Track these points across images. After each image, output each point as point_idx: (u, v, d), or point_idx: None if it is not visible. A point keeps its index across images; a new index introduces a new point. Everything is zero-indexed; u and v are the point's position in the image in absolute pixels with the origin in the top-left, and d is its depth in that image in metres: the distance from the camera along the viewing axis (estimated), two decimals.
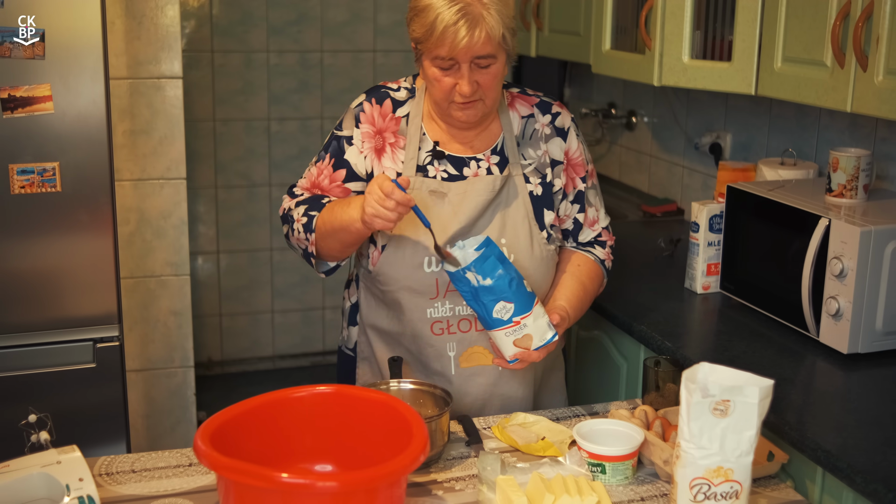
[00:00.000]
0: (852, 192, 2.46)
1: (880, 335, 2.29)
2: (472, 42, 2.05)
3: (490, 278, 2.04)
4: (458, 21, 2.04)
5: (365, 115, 2.27)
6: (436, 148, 2.26)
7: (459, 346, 2.25)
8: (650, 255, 3.19)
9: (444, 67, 2.11)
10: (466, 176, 2.25)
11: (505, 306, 2.06)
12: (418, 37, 2.11)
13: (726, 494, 1.66)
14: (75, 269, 2.69)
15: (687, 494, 1.67)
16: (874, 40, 2.19)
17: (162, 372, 3.52)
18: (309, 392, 1.87)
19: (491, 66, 2.12)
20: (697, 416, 1.63)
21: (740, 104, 3.34)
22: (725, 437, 1.63)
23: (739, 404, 1.62)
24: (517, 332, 2.08)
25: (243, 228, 4.97)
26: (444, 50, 2.07)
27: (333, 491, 1.58)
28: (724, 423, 1.62)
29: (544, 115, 2.33)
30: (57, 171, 2.60)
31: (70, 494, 1.66)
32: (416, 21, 2.11)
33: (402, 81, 2.33)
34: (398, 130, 2.26)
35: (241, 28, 4.76)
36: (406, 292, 2.23)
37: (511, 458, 1.98)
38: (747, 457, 1.64)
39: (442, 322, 2.24)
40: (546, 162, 2.31)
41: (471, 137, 2.28)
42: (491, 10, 2.06)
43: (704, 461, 1.64)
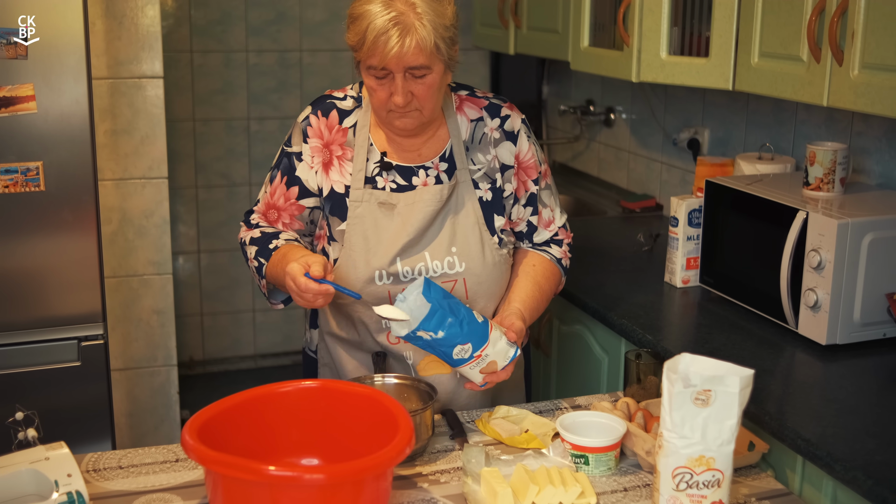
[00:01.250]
0: (829, 186, 2.49)
1: (858, 326, 2.32)
2: (402, 51, 2.01)
3: (442, 331, 2.00)
4: (388, 30, 2.00)
5: (312, 129, 2.24)
6: (383, 159, 2.23)
7: (416, 354, 2.24)
8: (630, 250, 3.21)
9: (379, 77, 2.08)
10: (416, 185, 2.22)
11: (463, 348, 2.03)
12: (353, 45, 2.08)
13: (708, 483, 1.68)
14: (59, 268, 2.69)
15: (669, 483, 1.69)
16: (849, 35, 2.22)
17: (145, 371, 3.52)
18: (295, 387, 1.88)
19: (426, 77, 2.08)
20: (679, 405, 1.65)
21: (718, 100, 3.37)
22: (707, 427, 1.65)
23: (720, 394, 1.64)
24: (481, 363, 2.06)
25: (224, 228, 4.97)
26: (375, 59, 2.04)
27: (320, 483, 1.59)
28: (706, 412, 1.65)
29: (493, 119, 2.28)
30: (40, 170, 2.61)
31: (59, 490, 1.66)
32: (351, 28, 2.08)
33: (349, 89, 2.29)
34: (345, 142, 2.23)
35: (220, 28, 4.76)
36: (359, 305, 2.22)
37: (495, 450, 2.00)
38: (728, 446, 1.67)
39: None
40: (496, 167, 2.27)
41: (418, 145, 2.25)
42: (424, 19, 2.02)
43: (686, 450, 1.66)
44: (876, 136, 2.68)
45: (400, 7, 2.01)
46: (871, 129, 2.69)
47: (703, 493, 1.68)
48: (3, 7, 2.51)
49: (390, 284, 2.18)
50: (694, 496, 1.68)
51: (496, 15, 4.09)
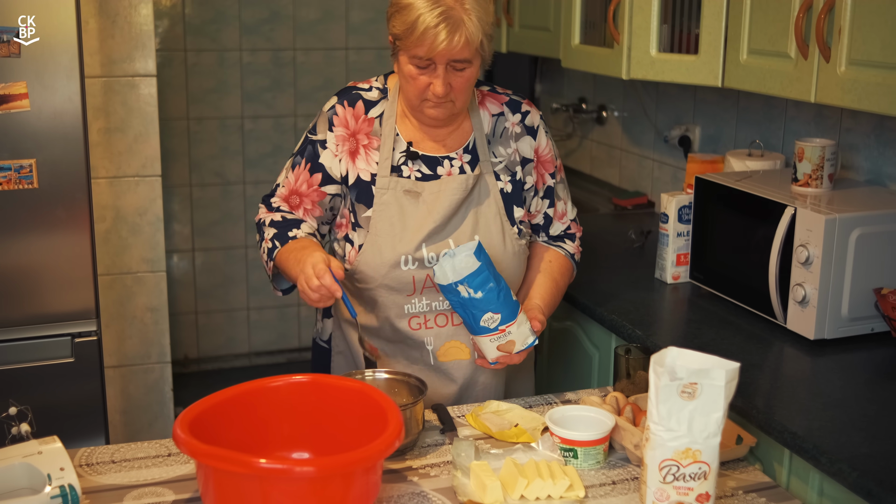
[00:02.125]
0: (818, 182, 2.50)
1: (846, 321, 2.33)
2: (451, 46, 2.08)
3: (481, 291, 2.07)
4: (439, 24, 2.06)
5: (338, 118, 2.28)
6: (409, 148, 2.28)
7: (437, 340, 2.29)
8: (621, 247, 3.22)
9: (421, 66, 2.14)
10: (440, 175, 2.28)
11: (492, 317, 2.10)
12: (398, 33, 2.13)
13: (694, 475, 1.69)
14: (53, 265, 2.70)
15: (656, 476, 1.71)
16: (836, 32, 2.24)
17: (139, 368, 3.53)
18: (286, 381, 1.89)
19: (466, 70, 2.15)
20: (666, 398, 1.67)
21: (708, 97, 3.39)
22: (693, 420, 1.67)
23: (707, 387, 1.66)
24: (501, 338, 2.13)
25: (218, 226, 4.98)
26: (422, 50, 2.10)
27: (310, 476, 1.60)
28: (692, 405, 1.66)
29: (514, 114, 2.36)
30: (34, 167, 2.62)
31: (51, 484, 1.67)
32: (396, 17, 2.13)
33: (374, 81, 2.34)
34: (371, 132, 2.28)
35: (214, 27, 4.77)
36: (383, 290, 2.26)
37: (485, 444, 2.01)
38: (715, 438, 1.68)
39: (419, 317, 2.27)
40: (516, 160, 2.34)
41: (443, 136, 2.31)
42: (472, 15, 2.09)
43: (673, 443, 1.68)
44: (864, 133, 2.69)
45: (449, 2, 2.08)
46: (860, 125, 2.71)
47: (690, 485, 1.70)
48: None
49: (415, 269, 2.23)
50: (680, 488, 1.70)
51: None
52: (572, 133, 4.39)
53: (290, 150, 4.93)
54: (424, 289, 2.25)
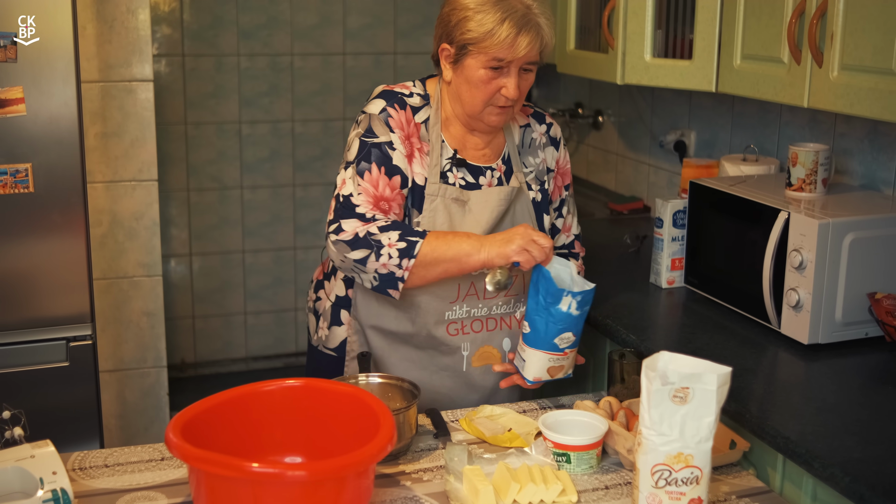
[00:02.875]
0: (811, 186, 2.51)
1: (840, 326, 2.34)
2: (531, 48, 2.14)
3: (580, 311, 2.11)
4: (522, 27, 2.12)
5: (393, 120, 2.26)
6: (455, 156, 2.30)
7: (472, 345, 2.32)
8: (617, 251, 3.23)
9: (494, 68, 2.17)
10: (482, 185, 2.31)
11: (569, 337, 2.13)
12: (472, 38, 2.15)
13: (687, 480, 1.70)
14: (48, 269, 2.70)
15: (649, 481, 1.71)
16: (828, 37, 2.24)
17: (135, 372, 3.53)
18: (279, 385, 1.89)
19: (531, 73, 2.21)
20: (658, 403, 1.67)
21: (704, 102, 3.39)
22: (685, 424, 1.68)
23: (698, 391, 1.66)
24: (558, 361, 2.16)
25: (216, 231, 4.98)
26: (504, 52, 2.14)
27: (302, 480, 1.60)
28: (684, 409, 1.67)
29: (540, 125, 2.42)
30: (29, 172, 2.62)
31: (43, 488, 1.67)
32: (468, 23, 2.15)
33: (411, 86, 2.34)
34: (420, 136, 2.29)
35: (212, 32, 4.78)
36: (427, 296, 2.27)
37: (478, 449, 2.01)
38: (707, 443, 1.69)
39: (457, 323, 2.30)
40: (544, 169, 2.39)
41: (482, 146, 2.34)
42: (542, 18, 2.16)
43: (665, 447, 1.69)
44: (858, 138, 2.70)
45: (519, 6, 2.15)
46: (854, 130, 2.71)
47: (682, 489, 1.70)
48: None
49: (460, 277, 2.25)
50: (673, 493, 1.70)
51: None
52: (569, 138, 4.40)
53: (287, 155, 4.95)
54: (467, 296, 2.28)
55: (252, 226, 5.02)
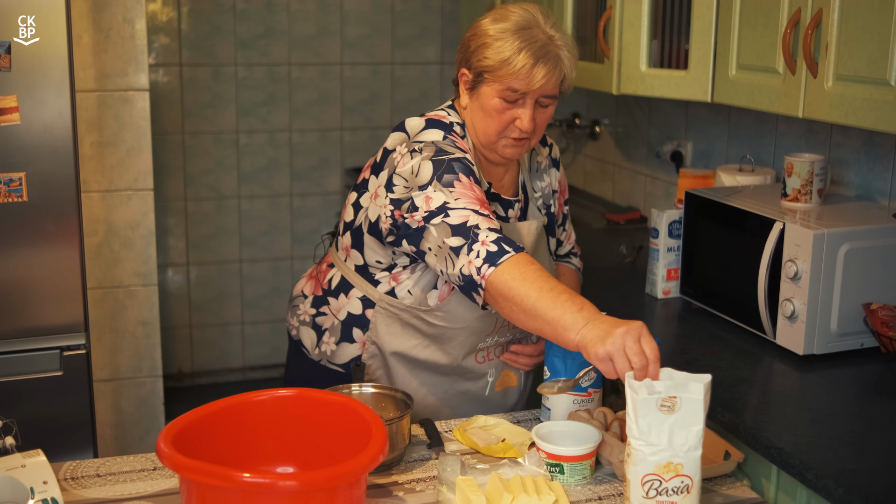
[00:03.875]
0: (807, 197, 2.50)
1: (835, 336, 2.33)
2: (548, 80, 2.09)
3: None
4: (539, 58, 2.07)
5: (460, 143, 2.16)
6: (490, 189, 2.26)
7: (496, 370, 2.34)
8: (613, 262, 3.22)
9: (509, 100, 2.11)
10: (509, 218, 2.29)
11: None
12: (488, 66, 2.10)
13: (677, 489, 1.70)
14: (42, 278, 2.70)
15: (639, 491, 1.70)
16: (823, 47, 2.24)
17: (130, 382, 3.53)
18: (271, 395, 1.88)
19: (549, 107, 2.15)
20: (645, 413, 1.68)
21: (700, 113, 3.39)
22: (673, 433, 1.68)
23: (686, 400, 1.67)
24: (584, 403, 2.10)
25: (213, 240, 4.98)
26: (519, 83, 2.08)
27: (294, 490, 1.59)
28: (672, 419, 1.67)
29: (544, 148, 2.41)
30: (23, 181, 2.62)
31: (34, 497, 1.67)
32: (486, 50, 2.10)
33: (447, 115, 2.23)
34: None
35: (210, 42, 4.78)
36: (466, 331, 2.25)
37: (471, 459, 2.00)
38: (696, 451, 1.69)
39: (484, 351, 2.31)
40: (549, 193, 2.39)
41: (500, 177, 2.30)
42: (564, 51, 2.10)
43: (654, 457, 1.69)
44: (854, 148, 2.70)
45: (541, 37, 2.09)
46: (850, 140, 2.71)
47: (673, 499, 1.70)
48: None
49: (495, 313, 2.22)
50: (664, 503, 1.70)
51: None
52: (566, 148, 4.40)
53: (285, 164, 4.96)
54: (501, 328, 2.28)
55: (249, 235, 5.02)
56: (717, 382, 2.19)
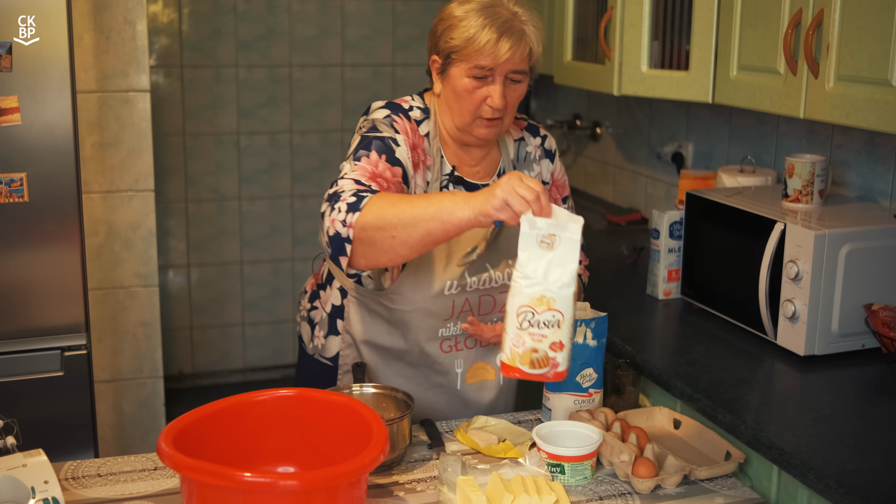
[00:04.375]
0: (808, 198, 2.50)
1: (836, 337, 2.33)
2: (514, 54, 2.09)
3: (597, 342, 2.09)
4: (504, 33, 2.08)
5: (398, 124, 2.20)
6: (454, 173, 2.27)
7: (466, 362, 2.31)
8: (614, 263, 3.22)
9: (478, 77, 2.13)
10: None
11: (591, 375, 2.10)
12: (455, 45, 2.12)
13: (548, 323, 1.79)
14: (43, 278, 2.70)
15: (514, 322, 1.80)
16: (825, 48, 2.24)
17: (131, 382, 3.53)
18: (271, 395, 1.88)
19: (520, 84, 2.16)
20: (526, 246, 1.79)
21: (701, 114, 3.39)
22: (550, 269, 1.79)
23: (564, 239, 1.79)
24: (584, 404, 2.11)
25: (214, 242, 4.98)
26: (486, 59, 2.10)
27: (294, 490, 1.60)
28: (550, 255, 1.79)
29: (535, 138, 2.38)
30: (24, 181, 2.62)
31: (35, 496, 1.67)
32: (452, 31, 2.13)
33: (410, 100, 2.29)
34: (423, 148, 2.24)
35: (210, 43, 4.78)
36: (421, 314, 2.25)
37: (472, 459, 2.01)
38: (569, 289, 1.79)
39: (450, 340, 2.29)
40: None
41: (477, 161, 2.30)
42: (529, 26, 2.12)
43: (529, 290, 1.79)
44: (855, 149, 2.70)
45: (505, 14, 2.11)
46: (851, 141, 2.71)
47: (544, 332, 1.80)
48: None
49: (456, 294, 2.23)
50: (535, 335, 1.80)
51: None
52: (567, 150, 4.40)
53: (286, 166, 4.96)
54: (461, 313, 2.26)
55: (250, 237, 5.02)
56: (718, 383, 2.20)
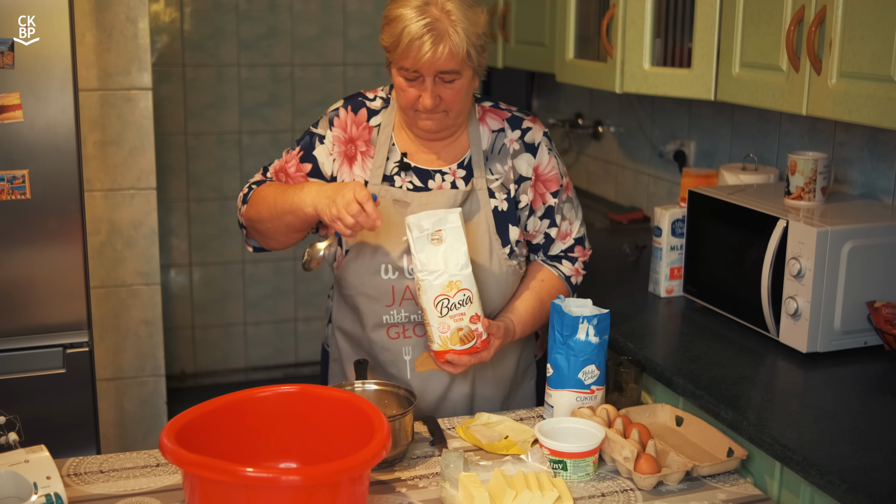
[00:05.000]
0: (810, 195, 2.50)
1: (838, 334, 2.33)
2: (435, 57, 2.07)
3: (599, 338, 2.08)
4: (423, 35, 2.06)
5: (339, 119, 2.30)
6: (403, 159, 2.28)
7: (415, 350, 2.28)
8: (616, 261, 3.22)
9: (409, 78, 2.14)
10: (431, 188, 2.27)
11: (592, 371, 2.10)
12: (386, 45, 2.14)
13: (462, 302, 2.09)
14: (45, 276, 2.71)
15: (435, 313, 2.09)
16: (827, 44, 2.24)
17: (133, 381, 3.53)
18: (273, 391, 1.89)
19: (455, 82, 2.14)
20: (421, 248, 2.07)
21: (703, 112, 3.39)
22: (447, 258, 2.07)
23: (449, 230, 2.08)
24: (586, 401, 2.11)
25: (216, 241, 4.98)
26: (408, 62, 2.10)
27: (296, 485, 1.60)
28: (443, 247, 2.07)
29: (514, 131, 2.33)
30: (27, 178, 2.63)
31: (37, 492, 1.68)
32: (385, 30, 2.14)
33: (380, 91, 2.35)
34: (370, 139, 2.29)
35: (212, 42, 4.79)
36: (363, 297, 2.26)
37: (474, 456, 2.01)
38: (467, 268, 2.09)
39: (398, 327, 2.27)
40: (512, 178, 2.31)
41: (438, 149, 2.30)
42: (458, 26, 2.08)
43: (437, 281, 2.07)
44: (858, 146, 2.70)
45: (435, 13, 2.08)
46: (854, 138, 2.71)
47: (462, 310, 2.09)
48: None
49: (395, 279, 2.23)
50: (455, 316, 2.09)
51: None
52: (568, 148, 4.40)
53: None
54: (404, 300, 2.25)
55: None
56: (721, 380, 2.20)
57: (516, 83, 4.74)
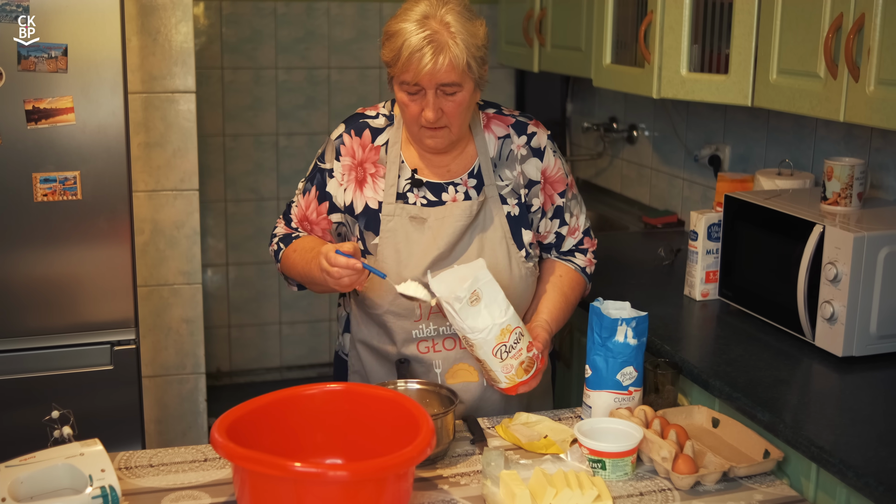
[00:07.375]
0: (847, 200, 2.52)
1: (874, 339, 2.34)
2: (435, 68, 2.08)
3: (637, 340, 2.11)
4: (423, 47, 2.08)
5: (345, 147, 2.31)
6: (414, 176, 2.30)
7: (445, 363, 2.31)
8: (651, 264, 3.24)
9: (411, 93, 2.15)
10: (445, 201, 2.29)
11: (630, 373, 2.12)
12: (387, 60, 2.15)
13: (517, 339, 2.12)
14: (94, 274, 2.76)
15: (495, 360, 2.12)
16: (865, 52, 2.26)
17: (174, 378, 3.58)
18: (320, 389, 1.93)
19: (457, 94, 2.15)
20: (466, 315, 2.07)
21: (739, 117, 3.41)
22: (491, 311, 2.08)
23: (483, 286, 2.07)
24: (624, 402, 2.13)
25: (252, 241, 5.03)
26: (409, 75, 2.11)
27: (344, 480, 1.64)
28: (483, 303, 2.07)
29: (520, 136, 2.35)
30: (78, 179, 2.68)
31: (93, 484, 1.71)
32: (386, 45, 2.15)
33: (381, 108, 2.36)
34: (378, 160, 2.30)
35: (250, 45, 4.83)
36: (390, 315, 2.29)
37: (514, 455, 2.04)
38: (510, 308, 2.11)
39: (427, 341, 2.30)
40: (521, 183, 2.34)
41: (447, 162, 2.32)
42: (457, 38, 2.10)
43: (491, 335, 2.09)
44: (894, 152, 2.71)
45: (434, 26, 2.09)
46: (890, 144, 2.72)
47: (518, 347, 2.13)
48: (45, 22, 2.59)
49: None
50: (515, 354, 2.12)
51: (521, 33, 4.14)
52: (603, 152, 4.42)
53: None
54: (432, 314, 2.28)
55: None
56: (757, 383, 2.22)
57: (551, 87, 4.76)
